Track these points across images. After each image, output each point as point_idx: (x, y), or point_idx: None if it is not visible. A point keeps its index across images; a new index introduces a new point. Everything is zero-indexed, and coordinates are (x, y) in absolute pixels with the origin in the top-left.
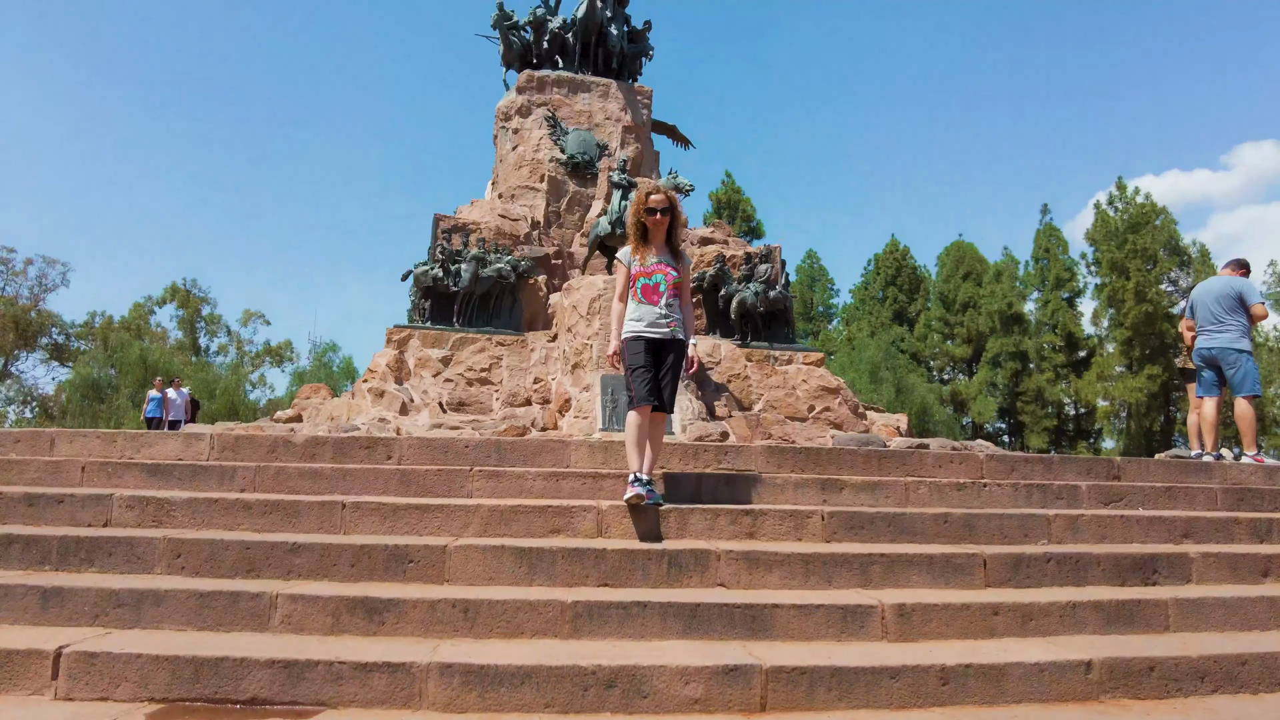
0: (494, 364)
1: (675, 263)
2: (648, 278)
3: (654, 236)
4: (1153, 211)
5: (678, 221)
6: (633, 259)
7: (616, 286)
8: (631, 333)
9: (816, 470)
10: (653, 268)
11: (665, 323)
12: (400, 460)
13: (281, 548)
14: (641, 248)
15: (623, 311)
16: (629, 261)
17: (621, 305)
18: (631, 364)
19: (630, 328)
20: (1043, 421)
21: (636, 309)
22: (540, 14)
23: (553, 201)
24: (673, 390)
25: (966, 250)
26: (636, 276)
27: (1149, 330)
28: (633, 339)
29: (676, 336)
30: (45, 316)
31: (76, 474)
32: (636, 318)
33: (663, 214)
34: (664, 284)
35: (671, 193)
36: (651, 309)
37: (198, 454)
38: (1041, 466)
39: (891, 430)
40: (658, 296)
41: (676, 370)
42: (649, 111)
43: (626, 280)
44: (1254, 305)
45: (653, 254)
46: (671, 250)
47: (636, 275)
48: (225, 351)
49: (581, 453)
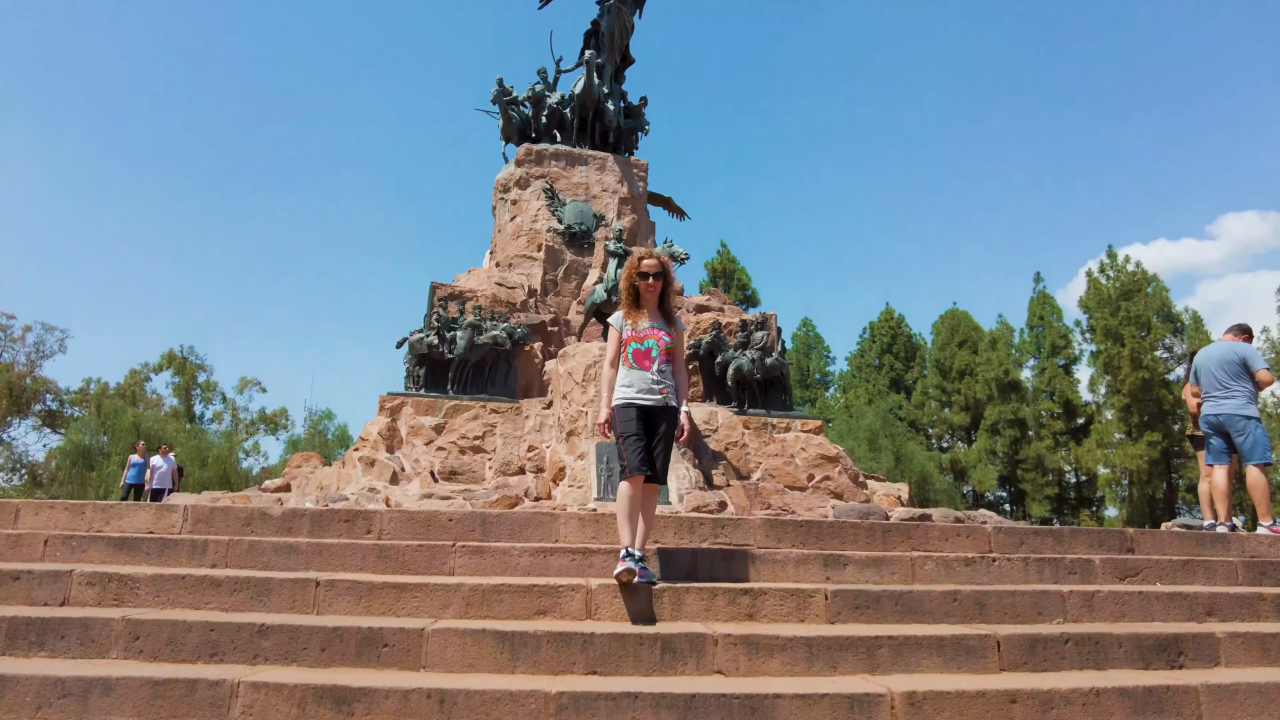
0: (488, 432)
1: (668, 327)
2: (639, 342)
3: (646, 301)
4: (1144, 279)
5: (670, 286)
6: (624, 324)
7: (608, 352)
8: (623, 399)
9: (818, 545)
10: (645, 332)
11: (657, 389)
12: (380, 534)
13: (248, 629)
14: (634, 312)
15: (614, 378)
16: (620, 326)
17: (613, 371)
18: (623, 432)
19: (621, 394)
20: (1044, 489)
21: (628, 375)
22: (539, 90)
23: (550, 270)
24: (666, 460)
25: (961, 318)
26: (628, 341)
27: (1146, 397)
28: (624, 406)
29: (669, 404)
30: (40, 383)
31: (39, 548)
32: (628, 383)
33: (655, 278)
34: (656, 349)
35: (664, 257)
36: (643, 374)
37: (169, 527)
38: (1051, 539)
39: (893, 500)
40: (650, 362)
41: (670, 439)
42: (645, 184)
43: (618, 345)
44: (1259, 371)
45: (645, 318)
46: (664, 315)
47: (628, 340)
48: (220, 419)
49: (571, 526)
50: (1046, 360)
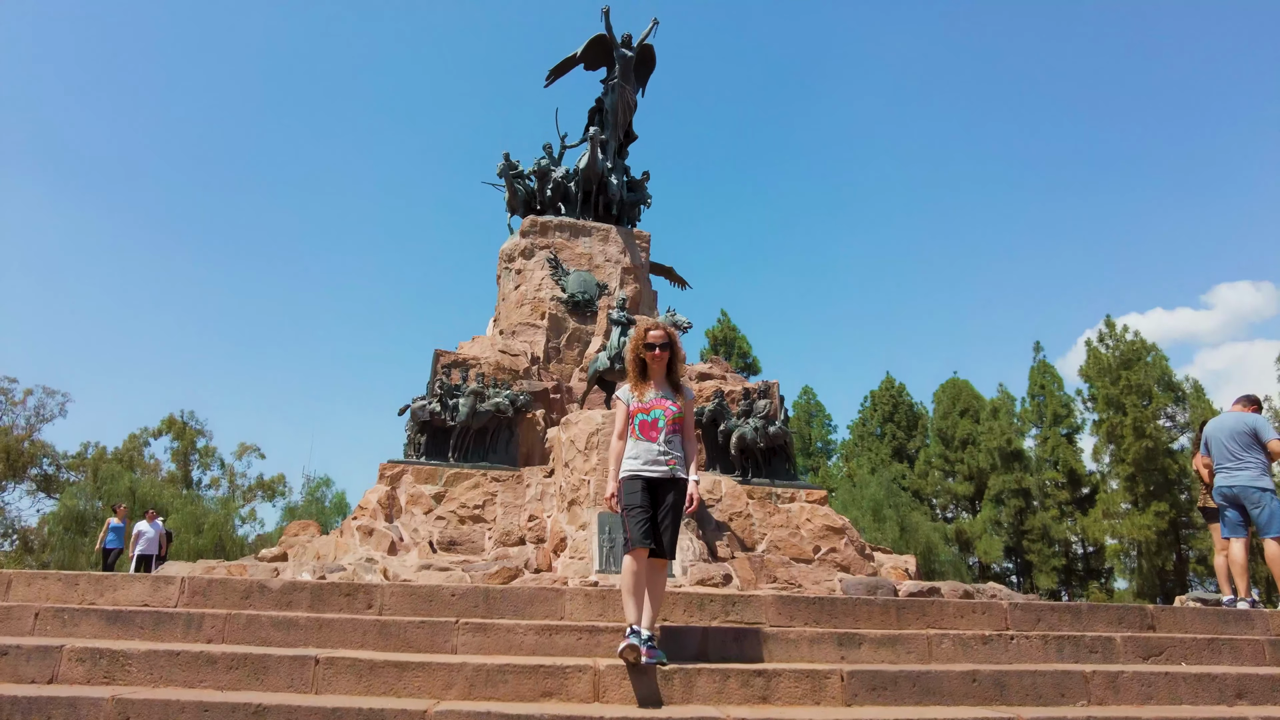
0: (488, 500)
1: (675, 397)
2: (646, 414)
3: (653, 372)
4: (1143, 348)
5: (677, 356)
6: (631, 395)
7: (615, 424)
8: (628, 472)
9: (832, 623)
10: (651, 403)
11: (664, 459)
12: (381, 609)
13: (244, 710)
14: (640, 384)
15: (621, 450)
16: (627, 398)
17: (620, 444)
18: (627, 504)
19: (627, 466)
20: (1051, 561)
21: (634, 446)
22: (544, 164)
23: (553, 338)
24: (674, 534)
25: (962, 387)
26: (635, 413)
27: (1151, 466)
28: (629, 478)
29: (676, 475)
30: (38, 447)
31: (29, 621)
32: (634, 455)
33: (661, 349)
34: (663, 419)
35: (670, 328)
36: (649, 446)
37: (165, 599)
38: (1070, 616)
39: (900, 573)
40: (656, 433)
41: (678, 512)
42: (647, 254)
43: (625, 417)
44: (1270, 441)
45: (652, 389)
46: (672, 385)
47: (635, 411)
48: (217, 485)
49: (577, 603)
50: (1049, 429)
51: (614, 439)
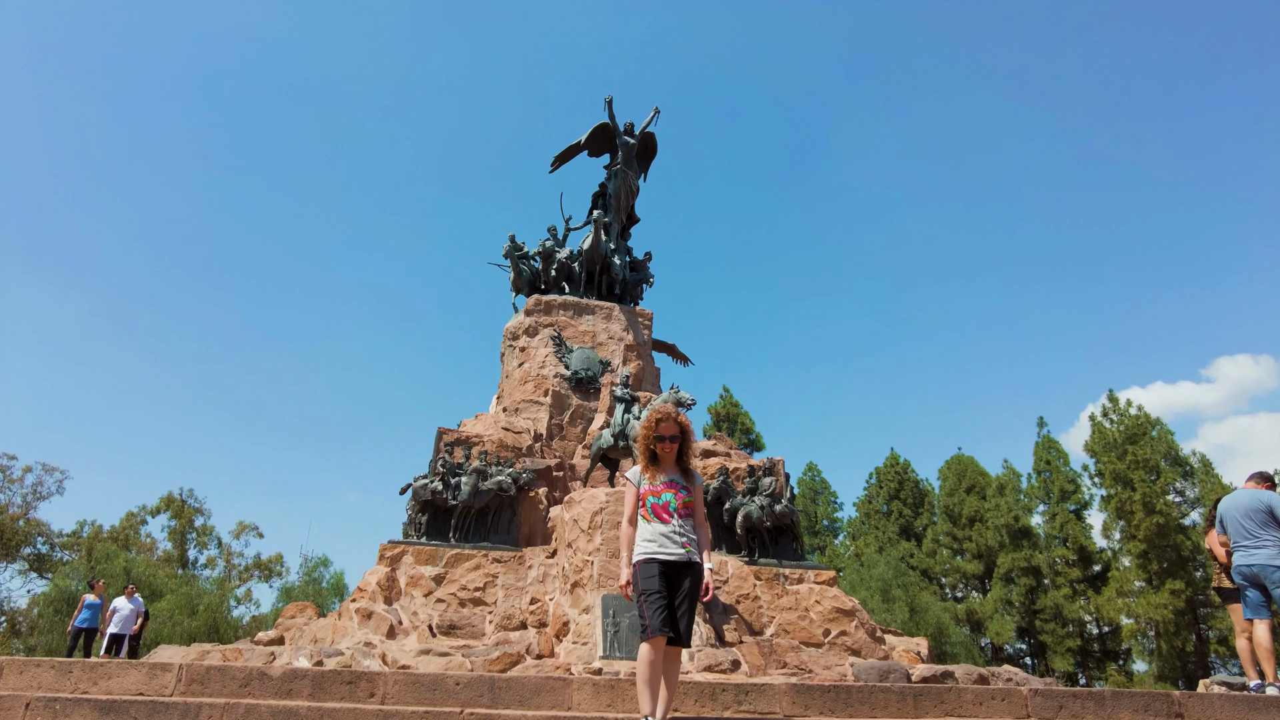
0: (489, 582)
1: (685, 481)
2: (656, 497)
3: (664, 460)
4: (1148, 423)
5: (689, 443)
6: (641, 478)
7: (625, 509)
8: (644, 555)
9: (848, 712)
10: (662, 487)
11: (680, 541)
12: (384, 699)
13: None
14: (651, 469)
15: (632, 535)
16: (638, 481)
17: (632, 528)
18: (644, 589)
19: (642, 549)
20: (1065, 641)
21: (647, 529)
22: (549, 246)
23: (556, 414)
24: (690, 620)
25: (967, 464)
26: (645, 495)
27: (1164, 543)
28: (645, 561)
29: (693, 559)
30: (33, 525)
31: (19, 712)
32: (648, 538)
33: (671, 441)
34: (674, 503)
35: (683, 418)
36: (664, 528)
37: (161, 688)
38: (1093, 703)
39: (912, 656)
40: (669, 516)
41: (694, 598)
42: (649, 331)
43: (635, 501)
44: None
45: (662, 474)
46: (682, 470)
47: (645, 494)
48: (214, 564)
49: (585, 693)
50: (1057, 505)
51: (624, 524)
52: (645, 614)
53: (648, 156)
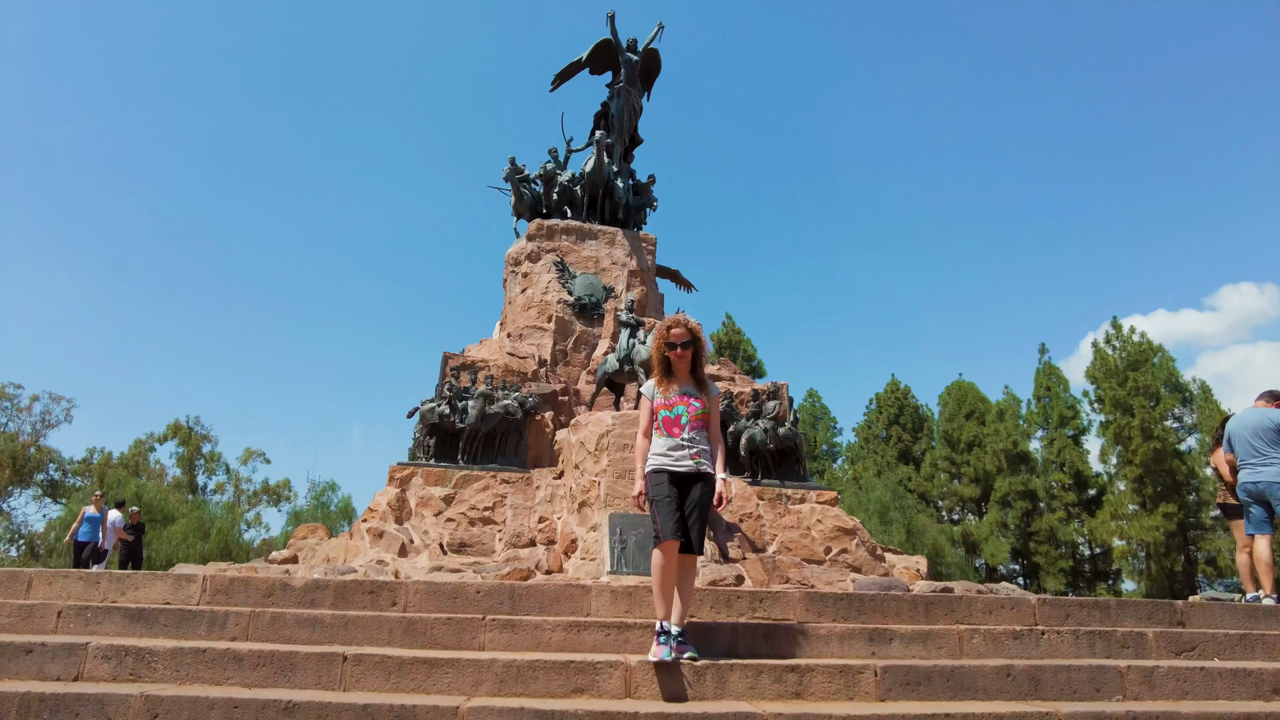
0: (498, 503)
1: (699, 393)
2: (669, 409)
3: (677, 370)
4: (1150, 350)
5: (702, 353)
6: (655, 391)
7: (640, 422)
8: (654, 466)
9: (861, 619)
10: (675, 400)
11: (688, 454)
12: (406, 607)
13: (274, 707)
14: (665, 381)
15: (646, 447)
16: (651, 394)
17: (646, 441)
18: (654, 495)
19: (653, 461)
20: (1058, 563)
21: (659, 442)
22: (550, 169)
23: (560, 341)
24: (701, 528)
25: (968, 390)
26: (658, 409)
27: (1159, 468)
28: (655, 471)
29: (702, 469)
30: (44, 453)
31: (52, 619)
32: (659, 451)
33: (684, 347)
34: (685, 416)
35: (694, 324)
36: (674, 441)
37: (187, 598)
38: (1099, 612)
39: (912, 574)
40: (679, 429)
41: (704, 506)
42: (653, 257)
43: (649, 414)
44: None
45: (676, 386)
46: (696, 381)
47: (658, 408)
48: (222, 490)
49: (604, 600)
50: (1055, 431)
51: (639, 436)
52: (657, 520)
53: (651, 75)
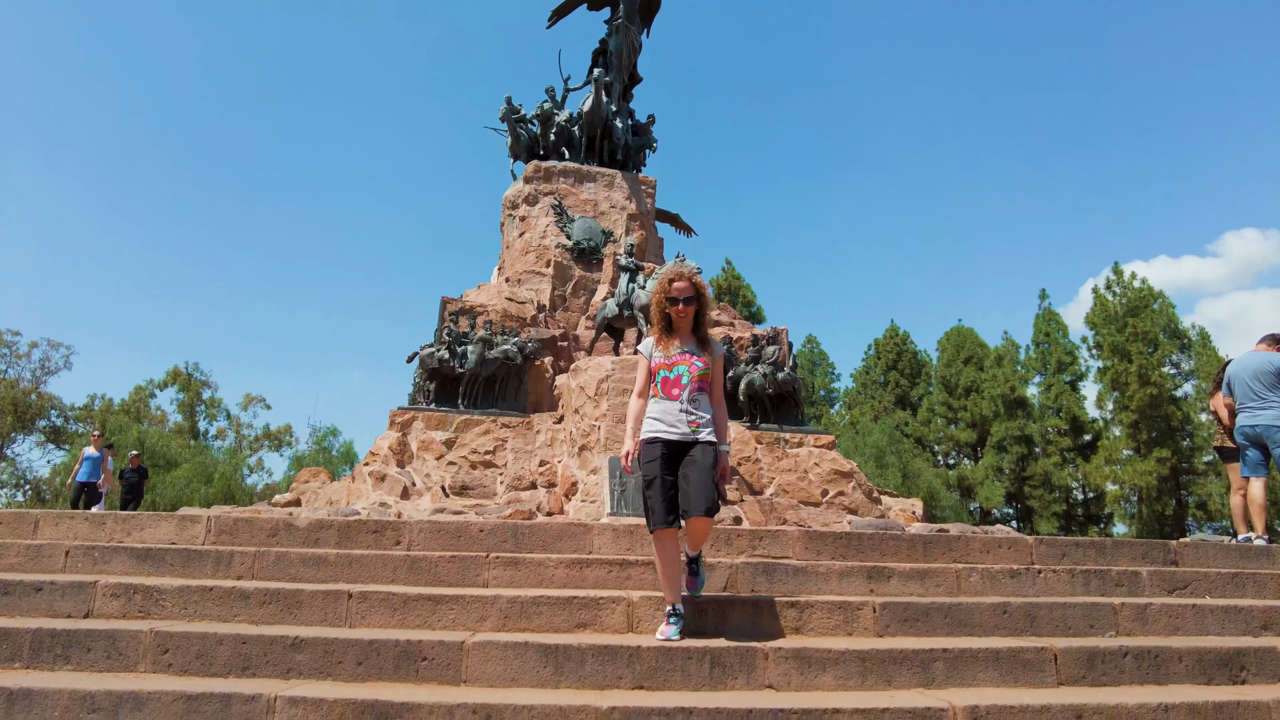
0: (498, 447)
1: (701, 353)
2: (668, 369)
3: (678, 326)
4: (1150, 295)
5: (705, 308)
6: (654, 350)
7: (637, 381)
8: (648, 433)
9: (859, 557)
10: (675, 359)
11: (686, 421)
12: (410, 546)
13: (281, 643)
14: (665, 338)
15: (642, 409)
16: (650, 353)
17: (641, 402)
18: (646, 476)
19: (648, 427)
20: (1051, 506)
21: (655, 405)
22: (547, 108)
23: (558, 286)
24: (700, 493)
25: (966, 335)
26: (657, 369)
27: (1155, 413)
28: (649, 441)
29: (699, 438)
30: (45, 399)
31: (59, 559)
32: (654, 415)
33: (686, 303)
34: (686, 376)
35: (697, 277)
36: (671, 405)
37: (193, 538)
38: (1094, 551)
39: (908, 516)
40: (679, 390)
41: (702, 471)
42: (653, 200)
43: (647, 373)
44: None
45: (676, 344)
46: (699, 340)
47: (657, 367)
48: (224, 436)
49: (605, 538)
50: (1053, 377)
51: (634, 397)
52: (648, 506)
53: (651, 10)
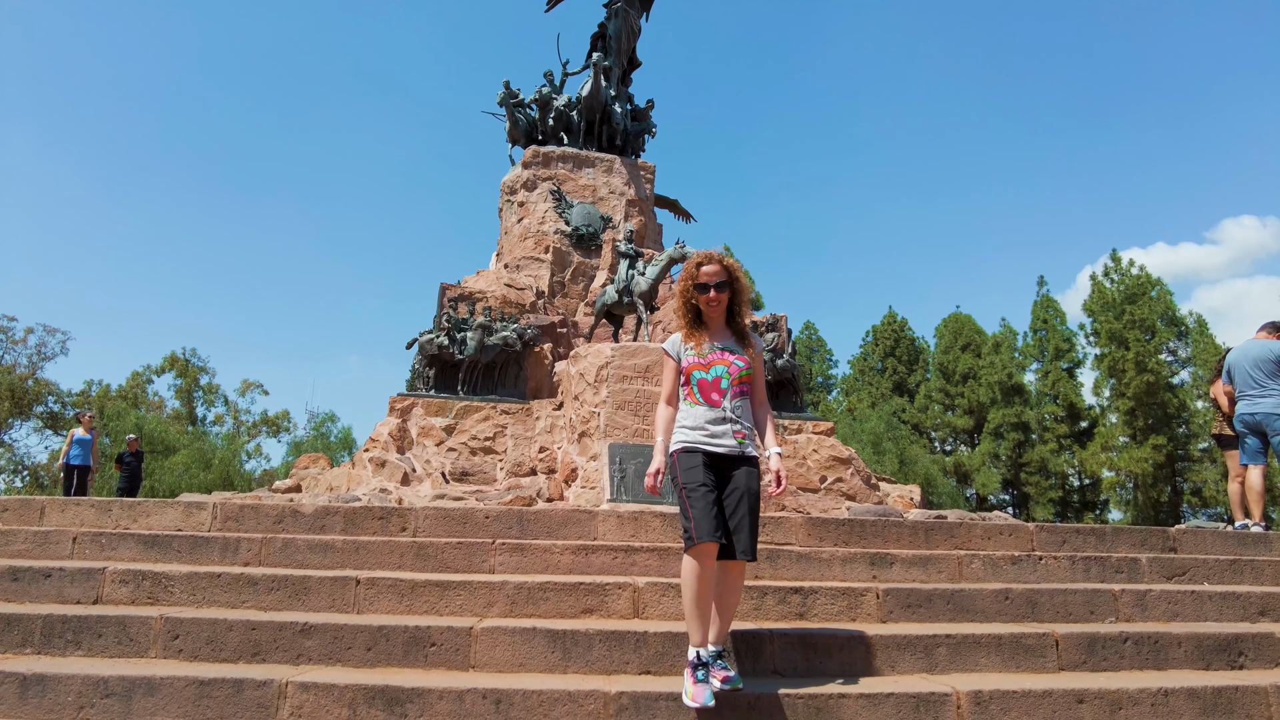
0: (498, 433)
1: (741, 349)
2: (704, 370)
3: (710, 319)
4: (1148, 283)
5: (741, 294)
6: (684, 347)
7: (664, 385)
8: (685, 443)
9: (862, 544)
10: (711, 358)
11: (731, 431)
12: (416, 532)
13: (290, 629)
14: (695, 333)
15: (671, 417)
16: (678, 352)
17: (670, 410)
18: (687, 481)
19: (683, 438)
20: (1048, 493)
21: (691, 413)
22: (546, 93)
23: (557, 272)
24: (752, 528)
25: (964, 322)
26: (690, 369)
27: (1151, 400)
28: (687, 450)
29: (747, 452)
30: (42, 385)
31: (67, 545)
32: (691, 424)
33: (719, 289)
34: (727, 378)
35: (729, 259)
36: (712, 412)
37: (199, 524)
38: (1094, 538)
39: (906, 502)
40: (719, 394)
41: (754, 497)
42: (652, 186)
43: (676, 376)
44: None
45: (709, 339)
46: (735, 332)
47: (690, 368)
48: (222, 421)
49: (610, 524)
50: (1050, 364)
51: (661, 404)
52: (690, 512)
53: None
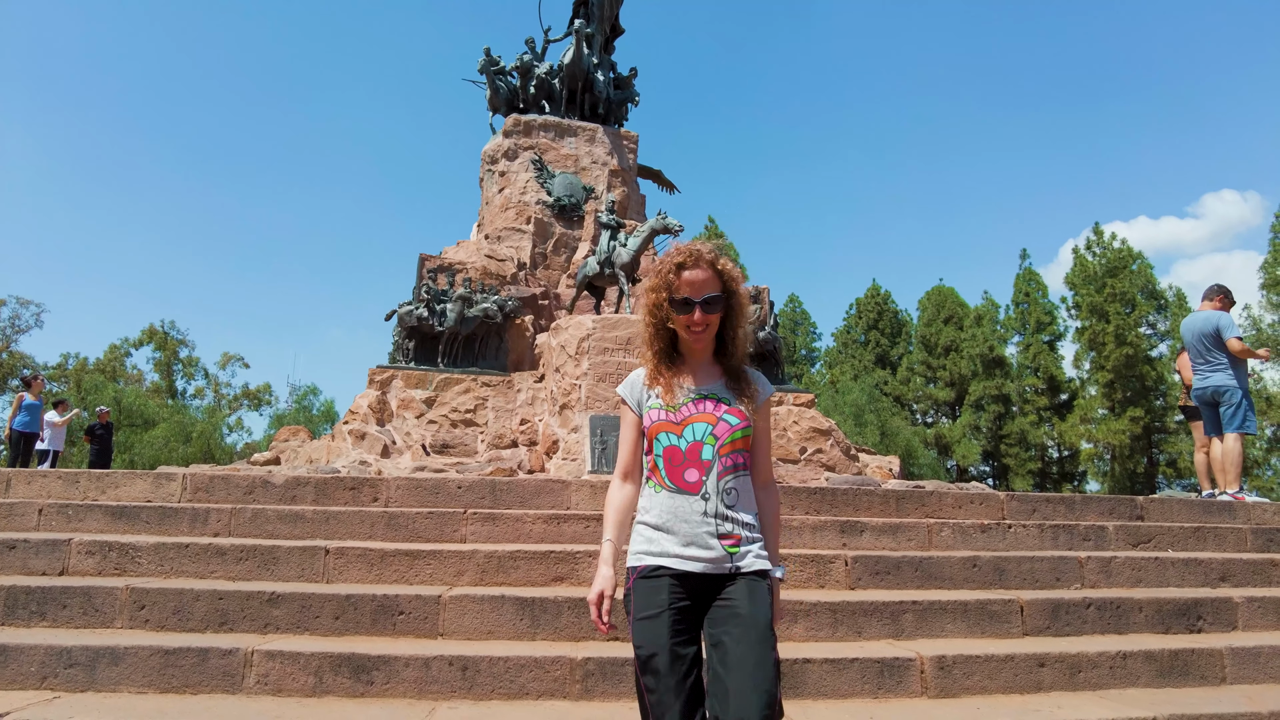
0: (479, 405)
1: (735, 395)
2: (676, 432)
3: (692, 350)
4: (1129, 256)
5: (739, 316)
6: (647, 394)
7: (621, 451)
8: (647, 557)
9: (833, 512)
10: (688, 411)
11: (716, 532)
12: (387, 502)
13: (258, 598)
14: (665, 371)
15: (624, 503)
16: (638, 399)
17: (626, 490)
18: (642, 645)
19: (645, 546)
20: (1026, 464)
21: (656, 501)
22: (527, 60)
23: (539, 243)
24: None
25: (947, 295)
26: (656, 431)
27: (1130, 373)
28: (647, 575)
29: (741, 568)
30: (17, 358)
31: (33, 517)
32: (655, 522)
33: (707, 308)
34: (712, 444)
35: (724, 262)
36: (686, 502)
37: (168, 495)
38: (1064, 506)
39: (885, 473)
40: (699, 471)
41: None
42: (634, 156)
43: (637, 440)
44: (1229, 340)
45: (688, 381)
46: (727, 372)
47: (656, 428)
48: (202, 394)
49: (583, 494)
50: (1031, 336)
51: (614, 481)
52: (647, 707)
53: None
